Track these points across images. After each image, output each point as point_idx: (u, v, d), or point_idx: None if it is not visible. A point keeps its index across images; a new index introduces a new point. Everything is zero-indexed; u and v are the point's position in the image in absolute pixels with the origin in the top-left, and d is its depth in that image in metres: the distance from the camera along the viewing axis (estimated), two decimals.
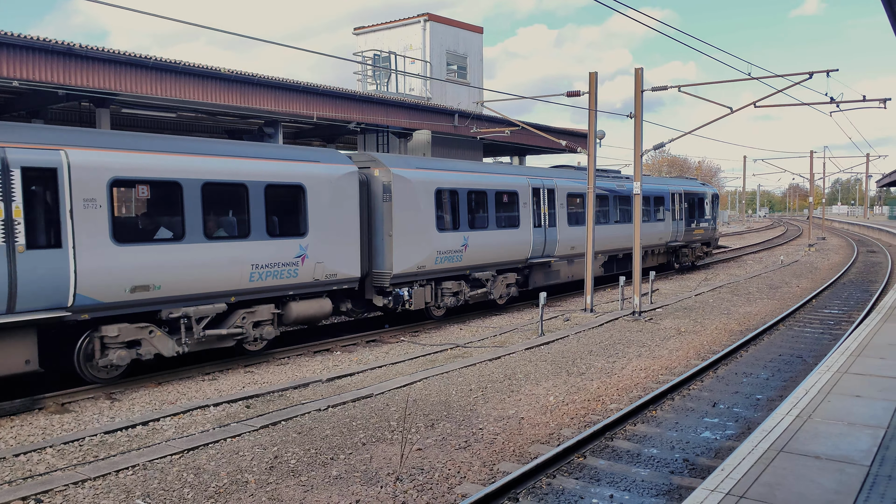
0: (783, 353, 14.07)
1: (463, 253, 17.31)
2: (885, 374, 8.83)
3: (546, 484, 7.57)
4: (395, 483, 7.46)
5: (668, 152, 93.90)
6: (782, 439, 6.49)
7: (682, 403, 10.62)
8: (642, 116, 18.22)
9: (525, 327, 16.73)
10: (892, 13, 11.67)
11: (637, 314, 17.92)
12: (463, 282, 17.63)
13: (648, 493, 7.40)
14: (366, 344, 15.30)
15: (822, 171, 60.97)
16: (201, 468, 7.82)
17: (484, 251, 18.00)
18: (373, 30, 30.43)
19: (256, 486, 7.38)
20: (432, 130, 24.42)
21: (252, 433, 8.98)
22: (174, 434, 9.08)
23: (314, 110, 19.38)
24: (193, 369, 12.59)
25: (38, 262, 9.87)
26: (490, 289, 18.48)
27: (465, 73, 30.46)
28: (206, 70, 16.63)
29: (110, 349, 11.03)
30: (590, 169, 19.02)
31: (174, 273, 11.43)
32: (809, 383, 8.46)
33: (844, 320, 17.83)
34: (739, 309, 19.49)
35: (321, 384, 11.65)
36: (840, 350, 10.41)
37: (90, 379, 11.03)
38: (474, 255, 17.68)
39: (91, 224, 10.41)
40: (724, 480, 5.56)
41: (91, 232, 10.40)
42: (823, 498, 5.21)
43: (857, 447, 6.27)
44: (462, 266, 17.41)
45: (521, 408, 10.17)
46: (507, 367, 12.53)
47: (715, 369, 12.67)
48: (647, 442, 8.95)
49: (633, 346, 14.48)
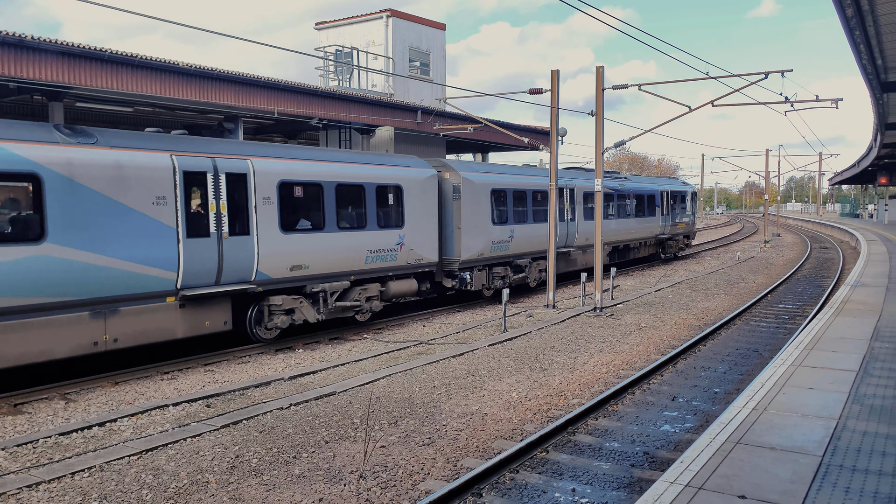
0: (740, 348, 14.38)
1: (510, 243, 20.58)
2: (837, 366, 9.08)
3: (509, 479, 7.62)
4: (358, 481, 7.43)
5: (628, 150, 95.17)
6: (739, 431, 6.63)
7: (643, 397, 10.79)
8: (603, 114, 18.42)
9: (488, 324, 16.80)
10: (844, 16, 12.00)
11: (598, 310, 18.13)
12: (508, 267, 20.79)
13: (610, 486, 7.50)
14: (328, 342, 15.20)
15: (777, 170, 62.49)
16: (160, 469, 7.69)
17: (525, 241, 21.24)
18: (335, 25, 30.19)
19: (217, 486, 7.28)
20: (395, 127, 24.37)
21: (213, 433, 8.85)
22: (132, 435, 8.90)
23: (275, 106, 19.17)
24: (151, 368, 12.36)
25: (236, 246, 13.04)
26: (527, 273, 21.53)
27: (427, 69, 30.42)
28: (164, 64, 16.31)
29: (275, 315, 14.12)
30: (552, 165, 19.16)
31: (317, 256, 14.57)
32: (765, 376, 8.66)
33: (798, 315, 18.29)
34: (698, 304, 19.86)
35: (283, 382, 11.54)
36: (794, 344, 10.67)
37: (256, 339, 14.00)
38: (517, 244, 20.92)
39: (267, 217, 13.53)
40: (683, 472, 5.66)
41: (266, 223, 13.53)
42: (779, 488, 5.33)
43: (810, 438, 6.43)
44: (508, 254, 20.66)
45: (484, 404, 10.21)
46: (470, 364, 12.57)
47: (674, 364, 12.89)
48: (609, 436, 9.07)
49: (594, 342, 14.65)
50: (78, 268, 10.69)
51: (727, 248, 44.71)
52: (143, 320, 11.69)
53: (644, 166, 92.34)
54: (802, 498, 5.16)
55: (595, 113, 18.50)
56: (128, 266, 11.33)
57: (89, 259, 10.84)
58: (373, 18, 29.11)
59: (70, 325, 10.67)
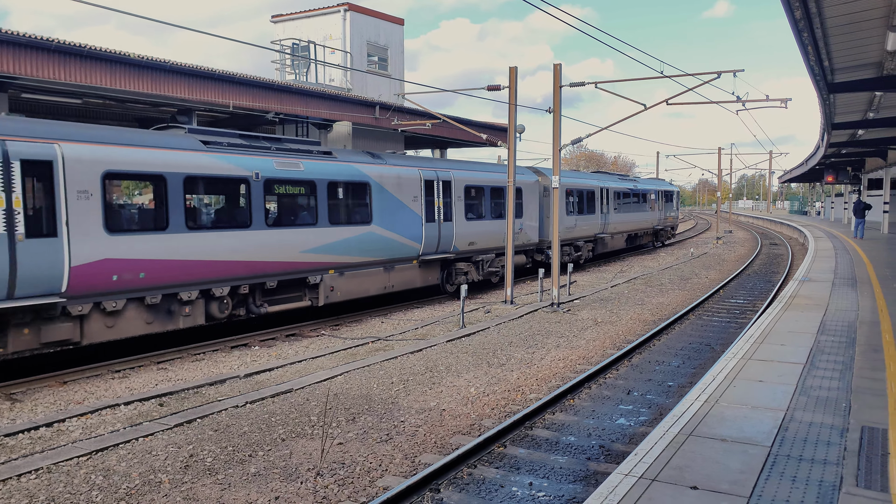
0: (693, 342, 14.67)
1: (574, 229, 28.04)
2: (786, 359, 9.33)
3: (467, 474, 7.64)
4: (315, 478, 7.37)
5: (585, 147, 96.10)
6: (691, 424, 6.76)
7: (599, 392, 10.93)
8: (561, 111, 18.57)
9: (447, 319, 16.82)
10: (793, 17, 12.29)
11: (556, 305, 18.29)
12: (571, 248, 28.15)
13: (566, 479, 7.58)
14: (285, 338, 15.04)
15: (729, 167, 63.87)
16: (111, 469, 7.51)
17: (582, 229, 28.86)
18: (291, 18, 29.82)
19: (170, 486, 7.14)
20: (353, 122, 24.20)
21: (166, 432, 8.69)
22: (81, 435, 8.68)
23: (230, 99, 18.85)
24: (101, 367, 12.07)
25: (446, 228, 19.70)
26: (582, 253, 29.23)
27: (385, 64, 30.26)
28: (115, 55, 15.89)
29: (458, 275, 20.63)
30: (510, 161, 19.26)
31: (481, 236, 21.20)
32: (717, 370, 8.85)
33: (749, 309, 18.74)
34: (653, 299, 20.19)
35: (239, 380, 11.38)
36: (745, 338, 10.93)
37: (445, 290, 20.55)
38: (578, 231, 28.47)
39: (458, 208, 20.26)
40: (637, 465, 5.75)
41: (459, 213, 20.29)
42: (729, 478, 5.46)
43: (759, 429, 6.59)
44: (572, 237, 28.07)
45: (442, 399, 10.22)
46: (428, 360, 12.57)
47: (630, 358, 13.08)
48: (566, 430, 9.16)
49: (551, 337, 14.78)
50: (384, 240, 17.37)
51: (681, 244, 45.55)
52: (404, 274, 18.35)
53: (601, 163, 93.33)
54: (751, 487, 5.28)
55: (552, 110, 18.64)
56: (402, 240, 18.02)
57: (388, 235, 17.50)
58: (330, 12, 28.84)
59: (376, 275, 17.34)
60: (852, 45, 15.38)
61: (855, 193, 49.36)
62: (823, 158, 41.65)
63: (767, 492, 5.20)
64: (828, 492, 5.20)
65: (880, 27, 13.92)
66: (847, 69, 17.53)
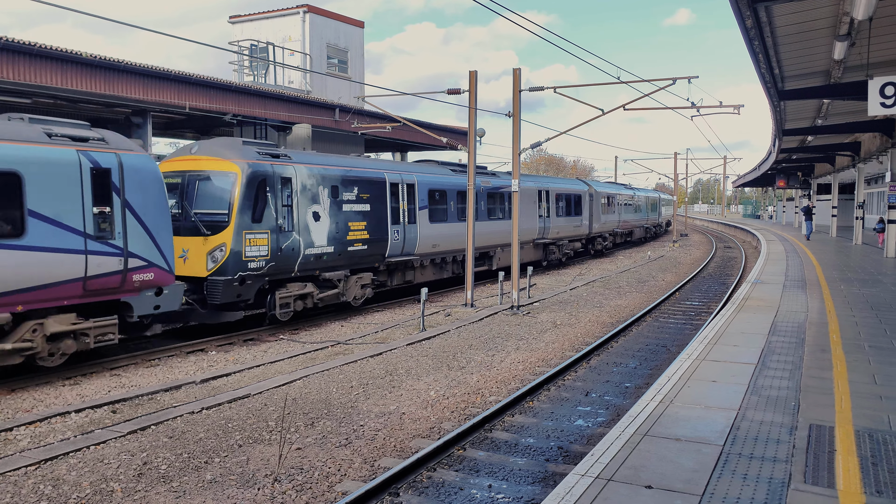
0: (650, 343, 14.90)
1: (608, 224, 39.11)
2: (738, 360, 9.55)
3: (426, 477, 7.64)
4: (272, 484, 7.28)
5: (545, 151, 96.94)
6: (647, 424, 6.87)
7: (558, 393, 11.03)
8: (520, 116, 18.71)
9: (407, 323, 16.80)
10: (744, 26, 12.61)
11: (515, 308, 18.41)
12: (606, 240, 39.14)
13: (525, 480, 7.63)
14: (243, 343, 14.84)
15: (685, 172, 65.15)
16: (61, 479, 7.31)
17: (608, 224, 39.17)
18: (250, 19, 29.49)
19: (123, 495, 6.99)
20: (313, 124, 24.02)
21: (118, 439, 8.49)
22: (30, 444, 8.43)
23: (186, 100, 18.56)
24: (52, 374, 11.74)
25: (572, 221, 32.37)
26: (610, 242, 39.79)
27: (346, 67, 30.13)
28: (66, 54, 15.53)
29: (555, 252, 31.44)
30: (470, 164, 19.34)
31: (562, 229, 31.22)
32: (672, 371, 9.01)
33: (704, 311, 19.12)
34: (611, 302, 20.46)
35: (195, 386, 11.19)
36: (699, 339, 11.14)
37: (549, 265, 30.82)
38: (605, 227, 38.64)
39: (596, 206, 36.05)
40: (593, 465, 5.81)
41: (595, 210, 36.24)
42: (683, 476, 5.56)
43: (712, 429, 6.73)
44: (610, 230, 39.89)
45: (402, 403, 10.20)
46: (388, 363, 12.54)
47: (588, 360, 13.23)
48: (525, 432, 9.22)
49: (511, 340, 14.87)
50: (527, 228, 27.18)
51: (639, 247, 46.27)
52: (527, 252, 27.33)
53: (560, 167, 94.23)
54: (704, 485, 5.39)
55: (512, 114, 18.77)
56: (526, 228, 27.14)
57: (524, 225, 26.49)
58: (289, 13, 28.61)
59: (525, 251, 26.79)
60: (802, 53, 15.84)
61: (805, 198, 50.78)
62: (775, 164, 42.76)
63: (719, 490, 5.31)
64: (777, 488, 5.34)
65: (828, 36, 14.36)
66: (797, 77, 18.03)
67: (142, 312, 12.29)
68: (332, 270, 17.08)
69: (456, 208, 22.39)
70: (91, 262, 11.25)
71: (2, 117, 11.65)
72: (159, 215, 12.38)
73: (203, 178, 14.92)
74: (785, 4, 12.08)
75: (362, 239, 17.97)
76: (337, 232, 17.08)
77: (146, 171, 12.22)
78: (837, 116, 24.92)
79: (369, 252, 18.27)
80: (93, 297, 11.50)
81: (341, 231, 17.22)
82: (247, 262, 14.59)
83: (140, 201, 12.04)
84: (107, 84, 16.70)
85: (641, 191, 51.35)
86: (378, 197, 18.66)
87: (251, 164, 14.94)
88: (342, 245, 17.23)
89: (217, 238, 14.37)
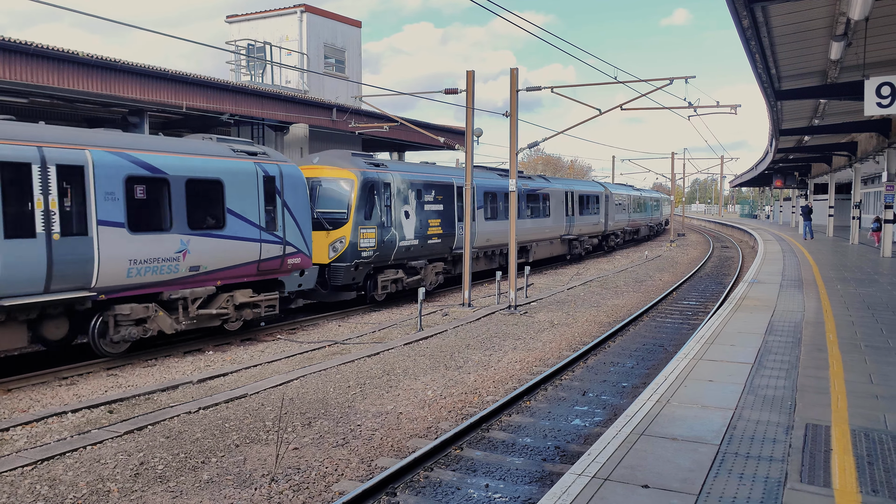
0: (647, 343, 14.92)
1: (628, 222, 43.84)
2: (735, 359, 9.56)
3: (424, 477, 7.64)
4: (270, 484, 7.28)
5: (542, 151, 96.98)
6: (643, 423, 6.88)
7: (555, 393, 11.03)
8: (517, 115, 18.72)
9: (404, 322, 16.80)
10: (741, 26, 12.62)
11: (513, 308, 18.42)
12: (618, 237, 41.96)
13: (522, 480, 7.63)
14: (240, 343, 14.83)
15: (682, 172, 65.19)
16: (57, 479, 7.30)
17: (620, 223, 42.09)
18: (247, 18, 29.47)
19: (120, 495, 6.98)
20: (310, 124, 24.01)
21: (115, 439, 8.48)
22: (26, 444, 8.42)
23: (183, 100, 18.55)
24: (48, 374, 11.73)
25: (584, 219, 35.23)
26: (621, 239, 42.72)
27: (343, 66, 30.12)
28: (63, 53, 15.51)
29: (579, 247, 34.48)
30: (467, 164, 19.35)
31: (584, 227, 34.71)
32: (669, 370, 9.02)
33: (701, 311, 19.14)
34: (608, 301, 20.48)
35: (192, 385, 11.18)
36: (696, 339, 11.16)
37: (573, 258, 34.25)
38: (618, 225, 41.49)
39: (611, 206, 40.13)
40: (590, 464, 5.82)
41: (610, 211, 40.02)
42: (679, 476, 5.57)
43: (709, 428, 6.74)
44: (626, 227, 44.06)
45: (399, 403, 10.20)
46: (385, 363, 12.54)
47: (585, 360, 13.24)
48: (522, 431, 9.23)
49: (508, 339, 14.88)
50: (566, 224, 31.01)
51: (636, 247, 46.31)
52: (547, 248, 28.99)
53: (557, 167, 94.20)
54: (700, 485, 5.40)
55: (509, 114, 18.78)
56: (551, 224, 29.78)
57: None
58: (286, 13, 28.60)
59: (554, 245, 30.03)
60: (798, 53, 15.86)
61: (802, 198, 50.86)
62: (772, 163, 42.80)
63: (716, 489, 5.32)
64: (773, 488, 5.35)
65: (824, 37, 14.38)
66: (793, 77, 18.05)
67: (290, 289, 15.52)
68: (416, 259, 20.32)
69: (504, 207, 25.31)
70: (263, 249, 14.49)
71: (195, 137, 14.53)
72: (304, 212, 15.51)
73: (326, 184, 18.12)
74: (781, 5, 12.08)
75: (437, 234, 21.17)
76: (420, 228, 20.27)
77: (296, 178, 15.38)
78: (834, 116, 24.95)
79: (441, 245, 21.48)
80: (262, 276, 14.74)
81: (423, 227, 20.43)
82: (360, 252, 17.91)
83: (293, 201, 15.16)
84: (104, 84, 16.67)
85: (646, 192, 56.25)
86: (448, 198, 21.80)
87: (363, 172, 18.22)
88: (424, 238, 20.45)
89: (337, 232, 17.67)
